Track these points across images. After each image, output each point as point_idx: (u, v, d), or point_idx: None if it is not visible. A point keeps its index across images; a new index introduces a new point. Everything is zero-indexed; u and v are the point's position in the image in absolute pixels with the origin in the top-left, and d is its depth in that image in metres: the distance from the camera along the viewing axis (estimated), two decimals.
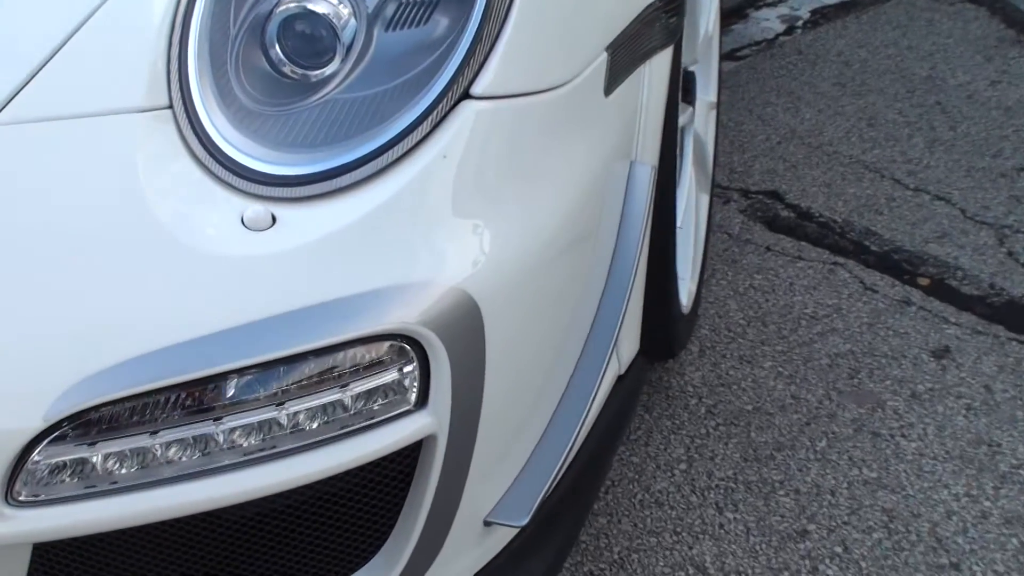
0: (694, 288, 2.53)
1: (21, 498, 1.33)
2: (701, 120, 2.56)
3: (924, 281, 2.80)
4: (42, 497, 1.34)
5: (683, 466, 2.29)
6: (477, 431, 1.49)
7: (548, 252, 1.54)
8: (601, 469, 1.94)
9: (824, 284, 2.80)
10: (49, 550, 1.42)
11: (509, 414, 1.56)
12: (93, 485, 1.36)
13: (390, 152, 1.42)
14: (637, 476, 2.27)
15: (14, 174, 1.41)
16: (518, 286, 1.49)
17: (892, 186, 3.21)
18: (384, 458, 1.45)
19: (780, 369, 2.54)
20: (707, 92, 2.70)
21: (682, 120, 2.30)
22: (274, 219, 1.38)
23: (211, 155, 1.41)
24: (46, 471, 1.33)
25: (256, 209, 1.38)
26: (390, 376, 1.41)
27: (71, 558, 1.45)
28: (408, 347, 1.40)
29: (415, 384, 1.42)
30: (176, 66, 1.45)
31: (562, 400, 1.70)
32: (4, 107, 1.44)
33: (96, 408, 1.31)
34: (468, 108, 1.45)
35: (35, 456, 1.31)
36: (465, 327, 1.42)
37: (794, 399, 2.44)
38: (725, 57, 3.98)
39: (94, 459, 1.34)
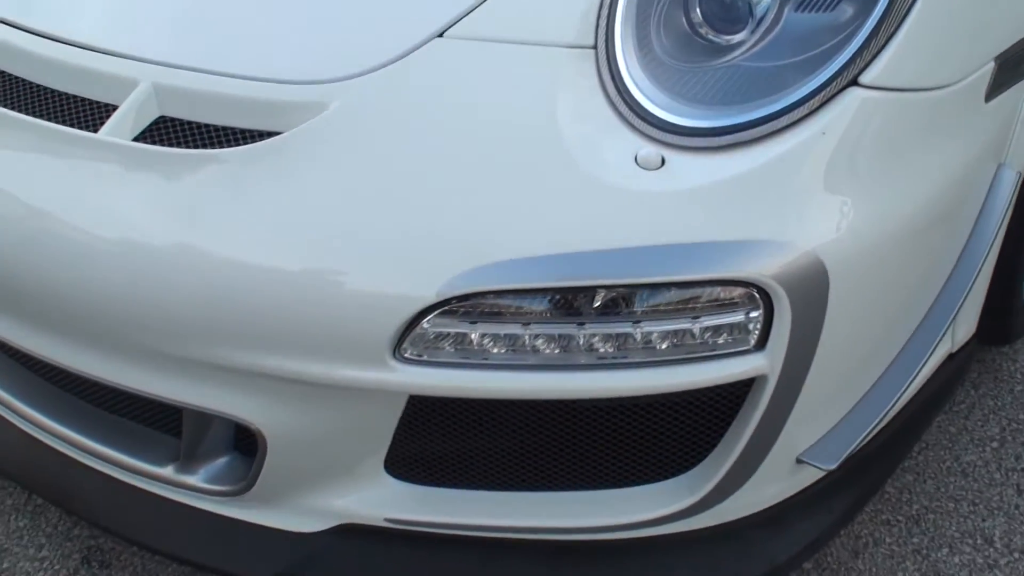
0: None
1: (407, 355, 1.45)
2: None
3: None
4: (424, 358, 1.46)
5: (995, 444, 2.24)
6: (805, 379, 1.53)
7: (900, 235, 1.54)
8: (915, 432, 1.93)
9: None
10: (419, 405, 1.55)
11: (837, 369, 1.57)
12: (467, 357, 1.47)
13: (776, 121, 1.45)
14: (950, 444, 2.24)
15: (457, 83, 1.52)
16: (866, 261, 1.49)
17: None
18: (717, 386, 1.51)
19: None
20: None
21: None
22: (663, 161, 1.44)
23: (620, 95, 1.48)
24: (431, 337, 1.44)
25: (649, 150, 1.44)
26: (737, 318, 1.45)
27: (433, 416, 1.58)
28: (758, 295, 1.44)
29: (757, 329, 1.46)
30: (606, 13, 1.53)
31: (892, 364, 1.71)
32: (455, 24, 1.55)
33: (483, 294, 1.41)
34: (853, 94, 1.47)
35: (424, 323, 1.42)
36: (811, 288, 1.44)
37: None
38: None
39: (473, 336, 1.45)
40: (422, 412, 1.56)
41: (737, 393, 1.53)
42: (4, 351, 1.87)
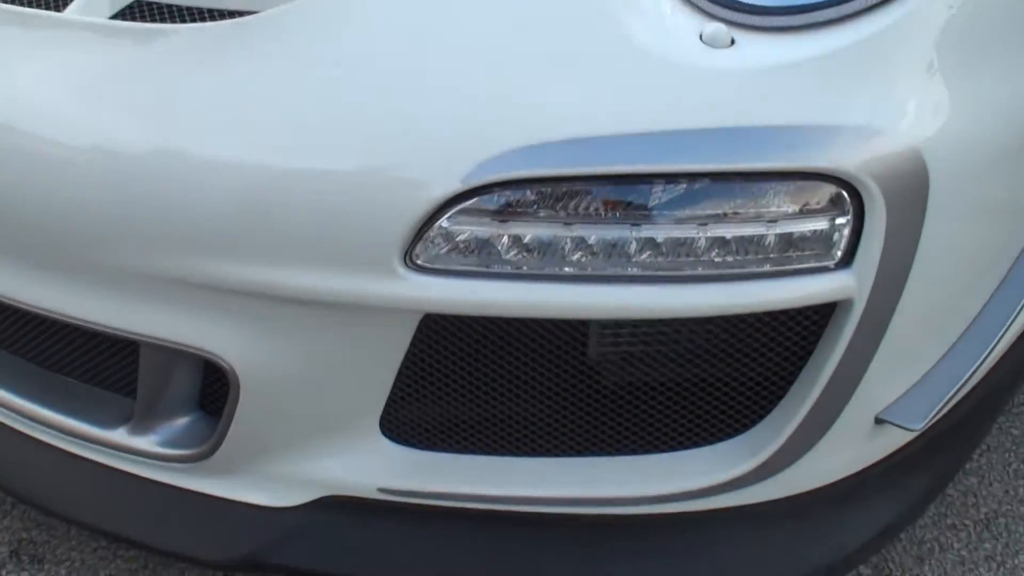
0: None
1: (419, 262, 1.21)
2: None
3: None
4: (438, 267, 1.22)
5: None
6: (896, 308, 1.30)
7: (1011, 144, 1.34)
8: (1000, 403, 1.69)
9: None
10: (427, 336, 1.31)
11: (929, 302, 1.34)
12: (492, 266, 1.23)
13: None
14: (1014, 447, 2.01)
15: None
16: (973, 168, 1.28)
17: None
18: (788, 315, 1.28)
19: None
20: None
21: None
22: (733, 41, 1.23)
23: None
24: (448, 241, 1.21)
25: (717, 26, 1.23)
26: (819, 224, 1.23)
27: (450, 342, 1.33)
28: (846, 196, 1.21)
29: (843, 241, 1.24)
30: None
31: (980, 314, 1.49)
32: None
33: (517, 182, 1.18)
34: None
35: (443, 221, 1.19)
36: (909, 191, 1.23)
37: None
38: None
39: (504, 237, 1.22)
40: (429, 349, 1.32)
41: (812, 326, 1.30)
42: None
